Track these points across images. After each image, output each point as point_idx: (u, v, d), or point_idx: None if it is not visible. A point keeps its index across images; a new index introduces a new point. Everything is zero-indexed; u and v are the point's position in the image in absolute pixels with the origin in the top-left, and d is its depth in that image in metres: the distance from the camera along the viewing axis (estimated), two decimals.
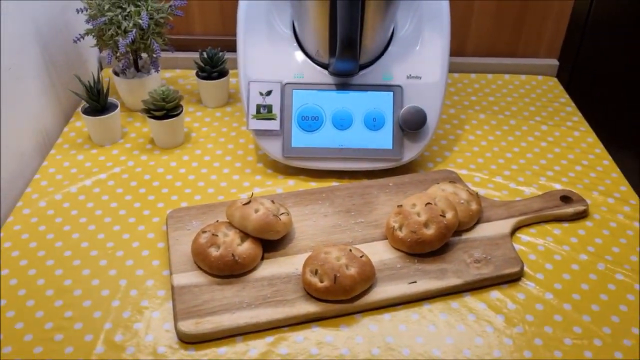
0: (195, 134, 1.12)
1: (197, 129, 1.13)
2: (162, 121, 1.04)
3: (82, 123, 1.12)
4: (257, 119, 1.00)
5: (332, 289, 0.75)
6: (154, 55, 1.10)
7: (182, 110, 1.06)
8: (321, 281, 0.76)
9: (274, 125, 0.99)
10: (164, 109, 1.04)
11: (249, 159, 1.06)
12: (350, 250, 0.79)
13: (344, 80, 1.01)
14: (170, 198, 0.97)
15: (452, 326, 0.76)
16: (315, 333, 0.75)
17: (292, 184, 1.00)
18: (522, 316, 0.77)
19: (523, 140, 1.12)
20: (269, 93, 1.00)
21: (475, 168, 1.04)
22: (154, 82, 1.15)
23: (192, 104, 1.21)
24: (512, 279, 0.82)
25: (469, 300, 0.79)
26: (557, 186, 1.01)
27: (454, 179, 0.99)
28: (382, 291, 0.78)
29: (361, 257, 0.79)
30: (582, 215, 0.93)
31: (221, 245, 0.81)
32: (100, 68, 1.33)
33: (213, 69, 1.17)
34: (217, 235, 0.82)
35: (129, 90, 1.15)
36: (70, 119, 1.16)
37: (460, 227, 0.87)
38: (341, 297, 0.76)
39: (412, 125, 0.99)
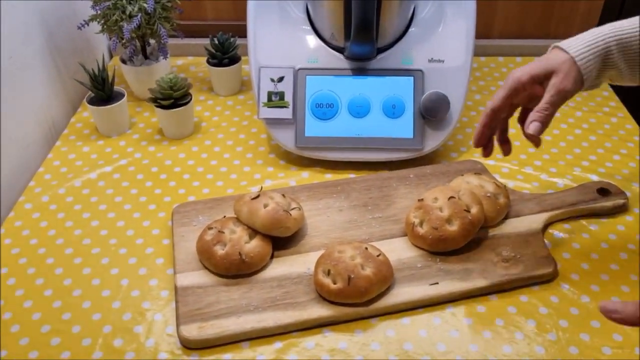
0: (205, 123, 1.07)
1: (208, 118, 1.08)
2: (170, 111, 0.99)
3: (89, 113, 1.08)
4: (269, 107, 0.94)
5: (346, 290, 0.69)
6: (162, 42, 1.05)
7: (191, 99, 1.01)
8: (334, 282, 0.70)
9: (286, 113, 0.93)
10: (172, 97, 0.99)
11: (260, 149, 1.00)
12: (366, 248, 0.73)
13: (361, 65, 0.94)
14: (178, 191, 0.92)
15: (477, 332, 0.69)
16: (328, 339, 0.69)
17: (305, 176, 0.94)
18: (555, 321, 0.70)
19: (555, 127, 1.04)
20: (280, 79, 0.94)
21: (502, 158, 0.96)
22: (163, 69, 1.10)
23: (204, 92, 1.16)
24: (545, 280, 0.75)
25: (496, 303, 0.73)
26: (594, 177, 0.93)
27: (480, 170, 0.91)
28: (401, 293, 0.72)
29: (378, 255, 0.73)
30: (621, 210, 0.85)
31: (227, 243, 0.75)
32: (110, 56, 1.28)
33: (224, 55, 1.11)
34: (223, 232, 0.76)
35: (137, 79, 1.10)
36: (78, 109, 1.12)
37: (487, 223, 0.81)
38: (356, 300, 0.70)
39: (434, 112, 0.92)
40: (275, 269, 0.76)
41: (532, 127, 0.67)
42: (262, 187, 0.83)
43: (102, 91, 1.01)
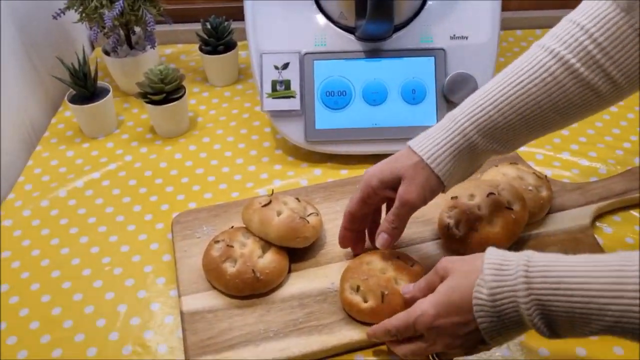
0: (202, 118, 0.96)
1: (204, 112, 0.98)
2: (162, 106, 0.89)
3: (71, 113, 0.97)
4: (273, 98, 0.83)
5: (380, 309, 0.60)
6: (148, 29, 0.94)
7: (184, 92, 0.90)
8: (365, 300, 0.61)
9: (293, 104, 0.83)
10: (163, 91, 0.88)
11: (265, 145, 0.90)
12: (398, 257, 0.64)
13: (375, 46, 0.84)
14: (176, 198, 0.81)
15: (532, 350, 0.60)
16: None
17: (318, 174, 0.84)
18: None
19: None
20: (285, 66, 0.83)
21: (535, 143, 0.86)
22: (151, 60, 0.99)
23: (197, 83, 1.05)
24: None
25: None
26: (637, 160, 0.83)
27: (514, 159, 0.82)
28: None
29: (412, 265, 0.63)
30: None
31: (238, 258, 0.66)
32: (92, 48, 1.17)
33: (218, 41, 1.00)
34: (232, 246, 0.66)
35: (123, 72, 0.99)
36: (59, 108, 1.01)
37: (530, 220, 0.71)
38: (388, 315, 0.60)
39: (459, 95, 0.82)
40: (293, 286, 0.67)
41: (379, 239, 0.63)
42: (272, 191, 0.73)
43: (85, 88, 0.90)
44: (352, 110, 0.83)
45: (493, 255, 0.50)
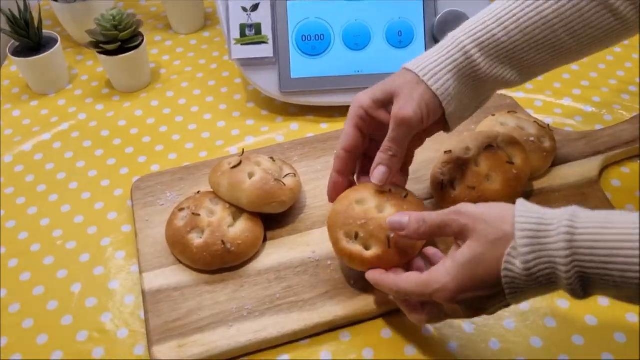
0: (165, 70, 0.86)
1: (167, 63, 0.88)
2: (118, 57, 0.78)
3: (17, 67, 0.86)
4: (242, 45, 0.74)
5: (387, 256, 0.51)
6: None
7: (142, 40, 0.80)
8: (367, 248, 0.52)
9: (265, 50, 0.74)
10: (117, 39, 0.78)
11: (236, 97, 0.81)
12: (390, 189, 0.54)
13: None
14: (137, 160, 0.73)
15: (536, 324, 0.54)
16: (349, 345, 0.53)
17: (295, 129, 0.76)
18: None
19: None
20: (255, 7, 0.73)
21: (534, 88, 0.79)
22: (106, 4, 0.88)
23: (159, 30, 0.94)
24: None
25: None
26: None
27: (512, 106, 0.74)
28: None
29: (405, 196, 0.54)
30: None
31: (205, 228, 0.58)
32: None
33: None
34: (198, 215, 0.58)
35: (73, 18, 0.88)
36: (4, 62, 0.90)
37: (532, 174, 0.64)
38: (400, 263, 0.52)
39: None
40: (270, 256, 0.59)
41: (376, 173, 0.53)
42: (243, 150, 0.64)
43: (28, 38, 0.80)
44: (332, 56, 0.74)
45: (526, 215, 0.41)
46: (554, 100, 0.77)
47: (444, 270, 0.44)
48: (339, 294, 0.55)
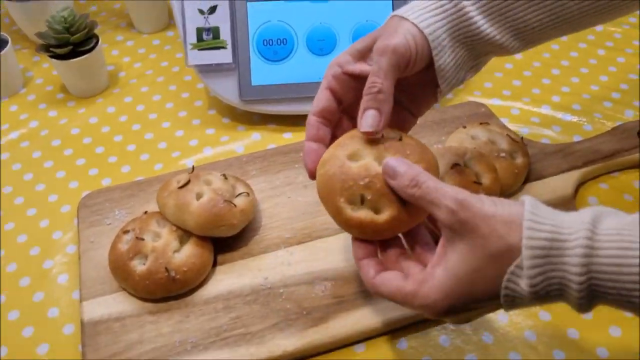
0: (124, 73, 0.82)
1: (128, 65, 0.83)
2: (70, 61, 0.74)
3: None
4: (199, 50, 0.69)
5: (404, 217, 0.42)
6: None
7: (97, 43, 0.76)
8: (377, 211, 0.43)
9: (223, 56, 0.69)
10: (69, 43, 0.73)
11: (197, 104, 0.77)
12: (382, 135, 0.45)
13: None
14: (88, 173, 0.69)
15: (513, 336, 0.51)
16: None
17: (257, 139, 0.71)
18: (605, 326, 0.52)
19: (573, 48, 0.81)
20: (212, 10, 0.69)
21: (511, 95, 0.75)
22: (60, 3, 0.83)
23: (121, 30, 0.90)
24: None
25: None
26: (629, 113, 0.72)
27: (486, 116, 0.70)
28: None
29: (400, 139, 0.45)
30: None
31: (149, 254, 0.54)
32: None
33: None
34: (142, 239, 0.55)
35: (27, 18, 0.83)
36: None
37: (503, 192, 0.60)
38: (414, 224, 0.44)
39: None
40: (219, 283, 0.56)
41: (365, 119, 0.43)
42: (193, 167, 0.60)
43: None
44: (295, 62, 0.70)
45: (536, 228, 0.35)
46: (532, 108, 0.73)
47: (434, 285, 0.38)
48: (290, 325, 0.52)
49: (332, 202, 0.43)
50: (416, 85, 0.45)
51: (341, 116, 0.47)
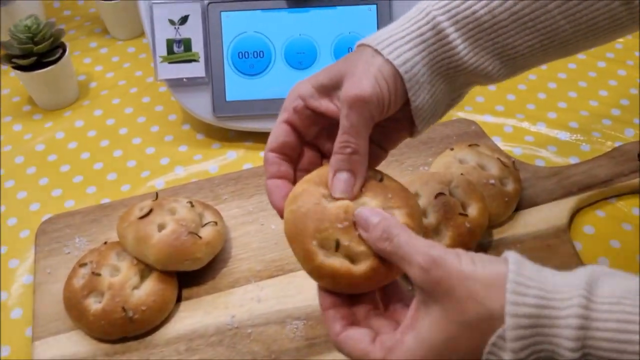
0: (95, 83, 0.78)
1: (100, 75, 0.79)
2: (34, 73, 0.70)
3: None
4: (170, 63, 0.65)
5: (383, 270, 0.37)
6: None
7: (64, 54, 0.71)
8: (352, 260, 0.37)
9: (196, 70, 0.65)
10: (33, 53, 0.69)
11: (170, 118, 0.72)
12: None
13: None
14: (51, 194, 0.64)
15: None
16: None
17: (232, 158, 0.67)
18: None
19: (571, 60, 0.77)
20: (184, 20, 0.64)
21: (504, 111, 0.71)
22: (33, 8, 0.78)
23: (95, 36, 0.85)
24: None
25: None
26: (629, 132, 0.67)
27: (476, 136, 0.65)
28: None
29: (381, 180, 0.41)
30: None
31: (105, 291, 0.50)
32: None
33: None
34: (99, 274, 0.50)
35: None
36: None
37: (492, 222, 0.56)
38: (392, 279, 0.39)
39: None
40: (183, 321, 0.51)
41: (336, 184, 0.38)
42: (157, 194, 0.56)
43: None
44: (272, 77, 0.65)
45: (522, 292, 0.30)
46: (526, 126, 0.69)
47: (403, 354, 0.33)
48: None
49: (303, 243, 0.38)
50: (389, 120, 0.41)
51: (301, 150, 0.42)
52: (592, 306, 0.30)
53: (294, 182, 0.41)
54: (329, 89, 0.39)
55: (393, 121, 0.40)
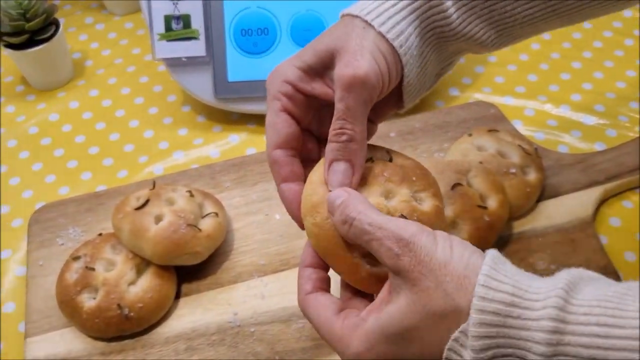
0: (91, 61, 0.74)
1: (95, 52, 0.75)
2: (26, 51, 0.66)
3: None
4: (168, 41, 0.61)
5: None
6: None
7: (57, 30, 0.67)
8: (371, 264, 0.34)
9: (196, 48, 0.61)
10: (25, 30, 0.65)
11: (170, 99, 0.69)
12: (371, 158, 0.37)
13: None
14: (44, 180, 0.61)
15: None
16: None
17: (234, 142, 0.64)
18: None
19: (597, 37, 0.72)
20: None
21: (525, 92, 0.66)
22: None
23: (92, 11, 0.81)
24: None
25: None
26: None
27: (496, 120, 0.61)
28: None
29: (390, 160, 0.38)
30: None
31: (100, 287, 0.47)
32: None
33: None
34: (93, 269, 0.47)
35: None
36: None
37: (512, 214, 0.52)
38: None
39: None
40: (182, 319, 0.48)
41: (333, 175, 0.34)
42: (154, 183, 0.52)
43: None
44: (277, 56, 0.61)
45: (493, 283, 0.28)
46: (549, 109, 0.65)
47: (362, 334, 0.31)
48: None
49: (344, 259, 0.34)
50: None
51: (303, 138, 0.37)
52: (569, 308, 0.27)
53: (303, 177, 0.37)
54: (319, 70, 0.35)
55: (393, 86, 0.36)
